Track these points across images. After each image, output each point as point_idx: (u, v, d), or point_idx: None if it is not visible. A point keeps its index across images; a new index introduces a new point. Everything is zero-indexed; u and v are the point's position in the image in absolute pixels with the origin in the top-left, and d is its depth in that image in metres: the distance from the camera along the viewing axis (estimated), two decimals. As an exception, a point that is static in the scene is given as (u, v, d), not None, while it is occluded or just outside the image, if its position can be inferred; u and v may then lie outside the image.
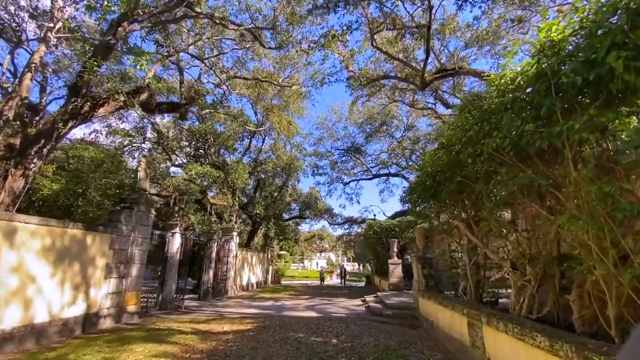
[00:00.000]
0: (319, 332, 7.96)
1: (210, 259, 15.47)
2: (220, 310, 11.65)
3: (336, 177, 29.69)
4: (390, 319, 9.51)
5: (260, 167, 24.64)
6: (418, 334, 7.86)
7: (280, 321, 9.34)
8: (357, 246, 36.93)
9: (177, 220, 12.35)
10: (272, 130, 23.36)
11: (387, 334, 7.76)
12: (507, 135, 3.74)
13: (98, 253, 8.35)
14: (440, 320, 7.10)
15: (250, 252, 22.35)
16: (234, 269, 18.05)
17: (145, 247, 10.05)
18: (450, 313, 6.39)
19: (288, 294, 18.91)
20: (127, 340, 6.84)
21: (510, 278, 5.07)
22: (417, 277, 9.52)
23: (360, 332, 7.99)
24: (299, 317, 10.14)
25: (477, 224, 6.29)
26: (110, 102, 9.60)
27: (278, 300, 15.06)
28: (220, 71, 14.94)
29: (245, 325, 8.66)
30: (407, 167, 26.23)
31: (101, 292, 8.42)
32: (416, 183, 8.18)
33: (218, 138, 22.21)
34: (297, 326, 8.60)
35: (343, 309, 12.21)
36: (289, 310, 11.86)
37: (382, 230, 18.63)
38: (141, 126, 21.66)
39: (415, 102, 22.49)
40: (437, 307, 7.44)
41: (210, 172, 18.64)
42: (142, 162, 10.48)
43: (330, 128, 27.62)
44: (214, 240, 15.65)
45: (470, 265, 6.26)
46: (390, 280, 15.87)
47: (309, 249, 50.44)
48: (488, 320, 4.57)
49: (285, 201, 29.85)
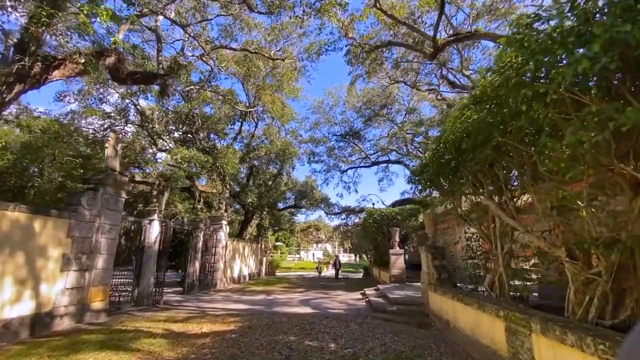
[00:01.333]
0: (314, 333, 6.74)
1: (196, 250, 14.18)
2: (204, 306, 10.42)
3: (333, 164, 28.36)
4: (395, 316, 8.33)
5: (253, 153, 23.22)
6: (431, 336, 6.67)
7: (269, 319, 8.12)
8: (354, 237, 35.86)
9: (155, 206, 10.99)
10: (265, 113, 21.88)
11: (395, 336, 6.56)
12: (600, 56, 2.42)
13: (51, 241, 7.00)
14: (461, 320, 5.90)
15: (242, 243, 21.10)
16: (223, 260, 16.80)
17: (114, 235, 8.72)
18: (475, 313, 5.17)
19: (282, 286, 17.75)
20: (78, 347, 5.56)
21: (567, 271, 3.83)
22: (427, 269, 8.32)
23: (362, 333, 6.79)
24: (291, 314, 8.94)
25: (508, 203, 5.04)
26: (68, 64, 8.12)
27: (270, 294, 13.87)
28: (205, 42, 13.40)
29: (228, 325, 7.42)
30: (407, 154, 24.93)
31: (56, 287, 7.10)
32: (430, 158, 6.90)
33: (207, 121, 20.71)
34: (289, 326, 7.38)
35: (341, 304, 11.04)
36: (281, 305, 10.65)
37: (382, 219, 17.43)
38: (123, 107, 20.08)
39: (418, 83, 21.09)
40: (454, 305, 6.23)
41: (197, 157, 17.21)
42: (111, 138, 9.05)
43: (327, 112, 26.14)
44: (200, 229, 14.33)
45: (502, 255, 5.01)
46: (392, 271, 14.73)
47: (305, 240, 49.37)
48: (544, 327, 3.34)
49: (280, 190, 28.52)
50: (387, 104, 22.09)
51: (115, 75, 9.59)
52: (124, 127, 20.86)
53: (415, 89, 20.63)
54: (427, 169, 7.42)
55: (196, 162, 17.13)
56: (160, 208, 11.31)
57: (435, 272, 7.83)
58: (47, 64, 7.89)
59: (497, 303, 4.73)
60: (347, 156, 28.61)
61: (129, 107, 20.26)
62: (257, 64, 17.03)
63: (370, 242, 21.88)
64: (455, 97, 20.07)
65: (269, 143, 22.78)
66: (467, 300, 5.47)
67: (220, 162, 17.23)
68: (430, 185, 7.40)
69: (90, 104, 18.92)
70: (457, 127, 5.35)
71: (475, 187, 6.21)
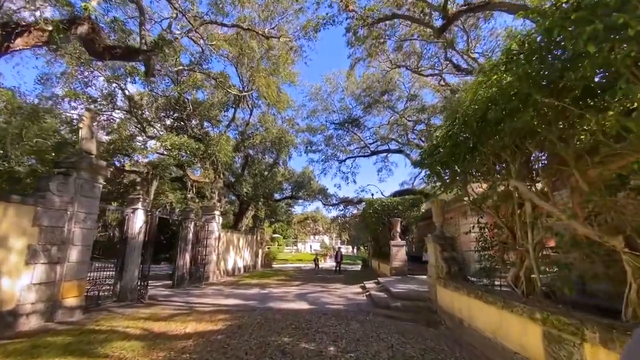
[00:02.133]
0: (311, 333, 6.01)
1: (186, 241, 13.38)
2: (193, 301, 9.68)
3: (331, 154, 27.48)
4: (400, 313, 7.63)
5: (248, 142, 22.27)
6: (442, 337, 5.97)
7: (262, 317, 7.39)
8: (352, 228, 35.26)
9: (139, 194, 10.14)
10: (260, 98, 20.86)
11: (401, 336, 5.85)
12: None
13: (13, 231, 6.16)
14: (478, 319, 5.18)
15: (237, 234, 20.34)
16: (216, 252, 16.05)
17: (90, 225, 7.88)
18: (499, 313, 4.44)
19: (278, 279, 17.06)
20: (37, 352, 4.78)
21: (626, 264, 3.07)
22: (435, 262, 7.59)
23: (365, 333, 6.07)
24: (286, 310, 8.22)
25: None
26: (33, 31, 7.16)
27: (265, 287, 13.16)
28: (194, 18, 12.37)
29: (215, 324, 6.68)
30: (408, 143, 24.11)
31: (21, 282, 6.29)
32: (442, 138, 6.09)
33: (199, 107, 19.71)
34: (283, 324, 6.65)
35: (340, 299, 10.34)
36: (276, 300, 9.94)
37: (383, 209, 16.68)
38: (110, 92, 19.02)
39: (421, 68, 20.15)
40: (470, 302, 5.51)
41: (188, 144, 16.30)
42: (85, 117, 8.15)
43: (325, 100, 25.13)
44: (190, 219, 13.51)
45: (532, 246, 4.25)
46: (393, 264, 14.05)
47: (303, 231, 48.74)
48: (605, 337, 2.59)
49: (277, 180, 27.68)
50: (387, 89, 21.13)
51: (91, 48, 8.63)
52: (111, 112, 19.87)
53: (417, 73, 19.70)
54: (437, 150, 6.65)
55: (187, 150, 16.22)
56: (145, 196, 10.46)
57: (444, 265, 7.10)
58: (9, 31, 6.93)
59: (529, 302, 3.99)
60: (346, 145, 27.74)
61: (116, 91, 19.24)
62: (250, 45, 16.01)
63: (369, 234, 21.20)
64: (459, 83, 19.21)
65: (264, 131, 21.83)
66: (488, 298, 4.73)
67: (213, 150, 16.31)
68: (442, 170, 6.60)
69: (74, 88, 17.87)
70: (480, 96, 4.54)
71: (494, 170, 5.43)
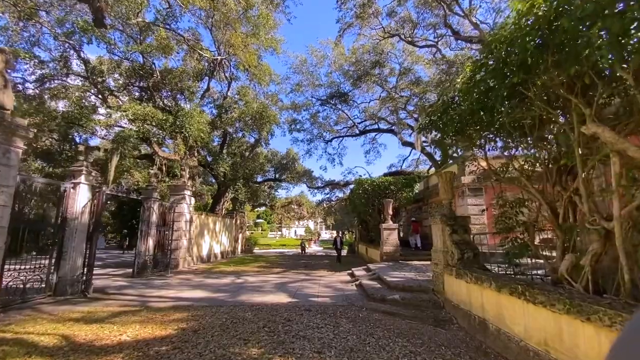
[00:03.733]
0: (288, 339, 4.56)
1: (148, 224, 11.60)
2: (150, 295, 8.06)
3: (317, 134, 25.76)
4: (399, 308, 6.29)
5: (225, 116, 20.19)
6: (458, 341, 4.64)
7: (229, 315, 5.88)
8: (338, 212, 34.06)
9: (81, 166, 8.25)
10: (238, 69, 18.75)
11: (407, 342, 4.49)
12: None
13: None
14: (515, 323, 3.83)
15: (213, 217, 18.61)
16: (187, 237, 14.35)
17: (4, 200, 6.05)
18: (558, 318, 3.09)
19: (257, 266, 15.58)
20: None
21: None
22: (443, 246, 6.24)
23: (359, 337, 4.67)
24: (261, 306, 6.74)
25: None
26: None
27: (241, 276, 11.64)
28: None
29: (165, 328, 5.12)
30: (399, 123, 22.67)
31: None
32: (466, 83, 4.60)
33: (168, 75, 17.43)
34: (254, 326, 5.17)
35: (326, 289, 8.96)
36: (251, 292, 8.44)
37: (373, 189, 15.30)
38: (62, 53, 16.47)
39: (415, 39, 18.50)
40: (499, 298, 4.16)
41: (154, 114, 14.23)
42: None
43: (311, 73, 23.08)
44: (153, 199, 11.68)
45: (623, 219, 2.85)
46: (384, 248, 12.80)
47: (287, 216, 47.27)
48: None
49: (259, 162, 25.85)
50: (379, 61, 19.38)
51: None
52: (65, 78, 17.36)
53: (411, 44, 18.06)
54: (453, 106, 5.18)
55: (152, 121, 14.17)
56: (90, 168, 8.57)
57: (456, 251, 5.75)
58: None
59: (616, 306, 2.61)
60: (333, 125, 26.06)
61: (71, 53, 16.69)
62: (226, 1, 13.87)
63: (357, 217, 19.92)
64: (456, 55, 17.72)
65: (244, 105, 19.79)
66: (537, 296, 3.35)
67: (182, 122, 14.30)
68: (461, 131, 5.13)
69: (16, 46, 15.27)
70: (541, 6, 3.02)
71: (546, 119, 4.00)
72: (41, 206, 7.77)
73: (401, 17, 16.86)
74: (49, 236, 7.87)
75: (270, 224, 73.69)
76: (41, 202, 7.80)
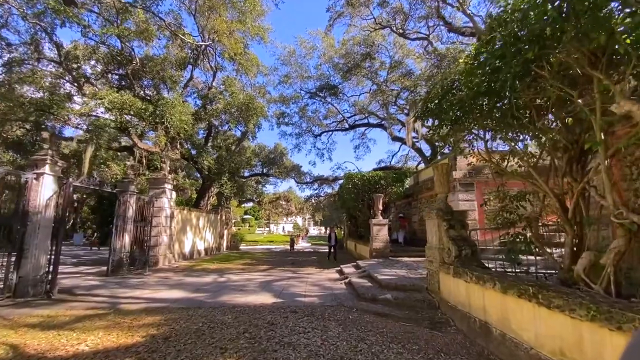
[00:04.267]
0: (271, 348, 4.07)
1: (124, 219, 10.86)
2: (122, 295, 7.42)
3: (306, 128, 25.18)
4: (392, 309, 5.89)
5: (210, 108, 19.37)
6: (458, 346, 4.25)
7: (206, 319, 5.35)
8: (326, 208, 33.65)
9: (44, 155, 7.49)
10: (223, 58, 17.96)
11: (401, 347, 4.08)
12: None
13: None
14: (523, 329, 3.45)
15: (196, 213, 17.86)
16: (168, 233, 13.63)
17: (-53, 192, 5.31)
18: (579, 325, 2.70)
19: (242, 263, 15.00)
20: None
21: None
22: (438, 243, 5.85)
23: (350, 343, 4.23)
24: (243, 308, 6.22)
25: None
26: None
27: (224, 274, 11.06)
28: None
29: (131, 335, 4.54)
30: (389, 117, 22.32)
31: None
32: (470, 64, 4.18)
33: (149, 63, 16.50)
34: (234, 332, 4.66)
35: (314, 288, 8.50)
36: (233, 292, 7.89)
37: (363, 184, 14.90)
38: (33, 36, 15.34)
39: (407, 32, 18.10)
40: (505, 300, 3.78)
41: (132, 102, 13.38)
42: None
43: (300, 64, 22.43)
44: (129, 192, 10.92)
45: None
46: (374, 244, 12.44)
47: (275, 212, 46.53)
48: None
49: (246, 156, 25.11)
50: (369, 54, 18.90)
51: None
52: (36, 63, 16.21)
53: (403, 36, 17.65)
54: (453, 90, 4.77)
55: (130, 110, 13.30)
56: (56, 158, 7.80)
57: (453, 247, 5.36)
58: None
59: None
60: (322, 119, 25.51)
61: (42, 36, 15.56)
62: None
63: (346, 212, 19.52)
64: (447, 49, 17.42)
65: (230, 95, 19.00)
66: (553, 300, 2.96)
67: (162, 111, 13.49)
68: (462, 116, 4.71)
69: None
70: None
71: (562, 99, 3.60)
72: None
73: (393, 8, 16.41)
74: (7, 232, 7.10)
75: (258, 220, 72.83)
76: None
